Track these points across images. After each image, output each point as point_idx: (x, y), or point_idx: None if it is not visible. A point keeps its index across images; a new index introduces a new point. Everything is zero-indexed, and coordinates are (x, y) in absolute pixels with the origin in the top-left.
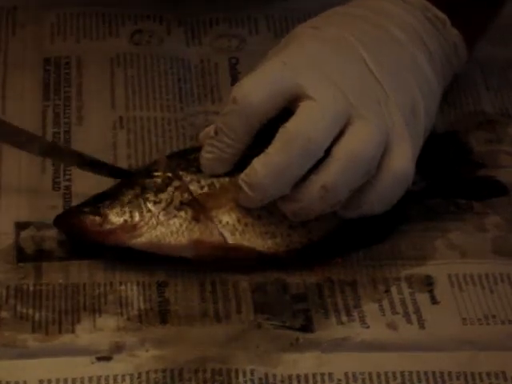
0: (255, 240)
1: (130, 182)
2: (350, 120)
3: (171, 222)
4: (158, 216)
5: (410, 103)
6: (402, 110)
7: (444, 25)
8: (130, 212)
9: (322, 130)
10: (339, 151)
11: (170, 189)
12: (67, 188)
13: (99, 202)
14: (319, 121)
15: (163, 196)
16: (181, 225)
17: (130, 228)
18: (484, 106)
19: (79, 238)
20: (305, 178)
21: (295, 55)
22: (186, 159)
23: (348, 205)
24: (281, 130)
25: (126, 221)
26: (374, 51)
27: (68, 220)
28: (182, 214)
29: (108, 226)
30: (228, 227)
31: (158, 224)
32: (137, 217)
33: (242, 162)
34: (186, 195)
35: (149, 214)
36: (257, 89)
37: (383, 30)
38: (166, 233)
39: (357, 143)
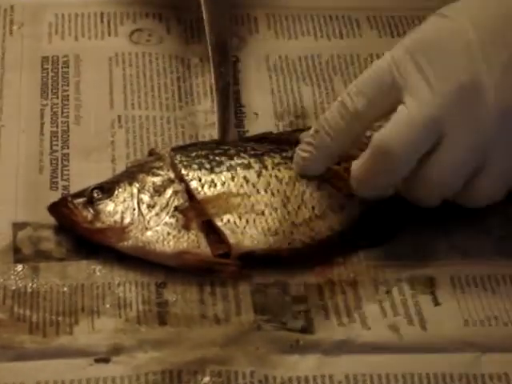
0: (257, 237)
1: (130, 177)
2: (442, 134)
3: (159, 228)
4: (148, 221)
5: None
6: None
7: None
8: (122, 213)
9: (405, 146)
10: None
11: (168, 192)
12: (65, 188)
13: (95, 195)
14: (406, 135)
15: (159, 200)
16: (168, 233)
17: (119, 230)
18: None
19: (70, 228)
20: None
21: (404, 52)
22: (189, 156)
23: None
24: (373, 137)
25: (115, 222)
26: (492, 48)
27: (61, 210)
28: (173, 221)
29: (98, 225)
30: (229, 225)
31: (147, 229)
32: (127, 219)
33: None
34: (182, 201)
35: (140, 218)
36: (363, 94)
37: None
38: (152, 240)
39: (438, 172)
